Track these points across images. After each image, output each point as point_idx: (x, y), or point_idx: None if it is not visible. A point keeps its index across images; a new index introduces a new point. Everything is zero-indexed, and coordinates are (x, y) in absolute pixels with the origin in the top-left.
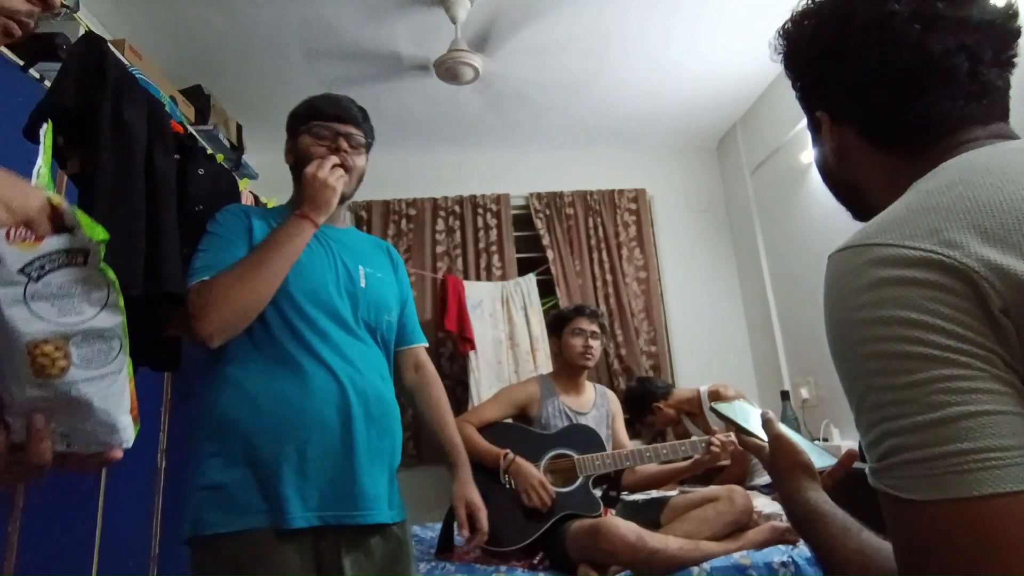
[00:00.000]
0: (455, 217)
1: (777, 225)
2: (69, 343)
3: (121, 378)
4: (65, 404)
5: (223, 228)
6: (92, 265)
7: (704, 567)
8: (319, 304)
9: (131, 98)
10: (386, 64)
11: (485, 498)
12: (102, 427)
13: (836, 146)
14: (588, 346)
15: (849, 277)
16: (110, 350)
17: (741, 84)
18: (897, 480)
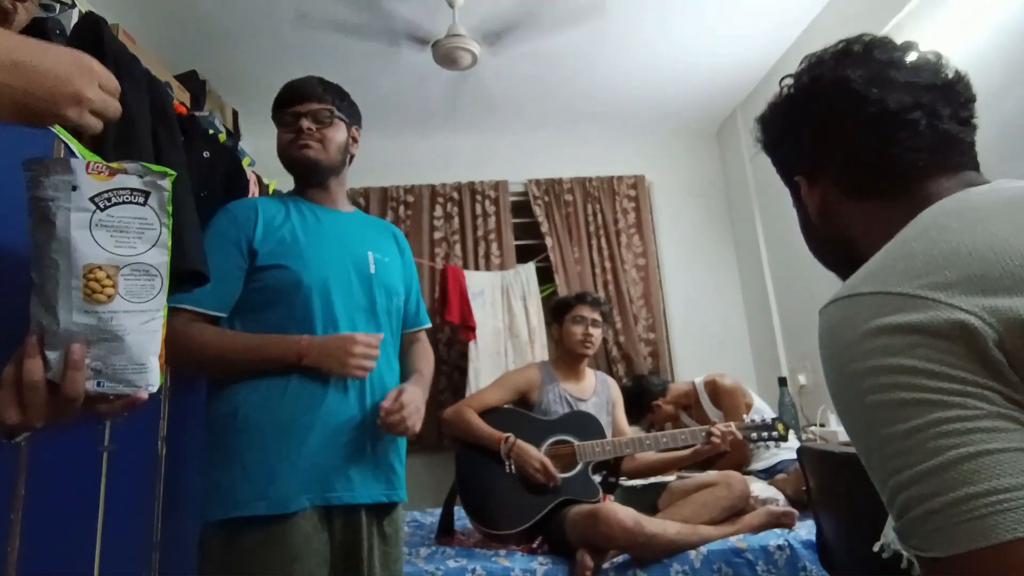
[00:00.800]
0: (453, 204)
1: (777, 211)
2: (119, 273)
3: (157, 318)
4: (105, 334)
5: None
6: (151, 206)
7: (701, 550)
8: (332, 293)
9: (131, 79)
10: (383, 50)
11: (486, 481)
12: (133, 365)
13: (818, 204)
14: (588, 334)
15: (838, 331)
16: (152, 287)
17: (742, 68)
18: (920, 540)
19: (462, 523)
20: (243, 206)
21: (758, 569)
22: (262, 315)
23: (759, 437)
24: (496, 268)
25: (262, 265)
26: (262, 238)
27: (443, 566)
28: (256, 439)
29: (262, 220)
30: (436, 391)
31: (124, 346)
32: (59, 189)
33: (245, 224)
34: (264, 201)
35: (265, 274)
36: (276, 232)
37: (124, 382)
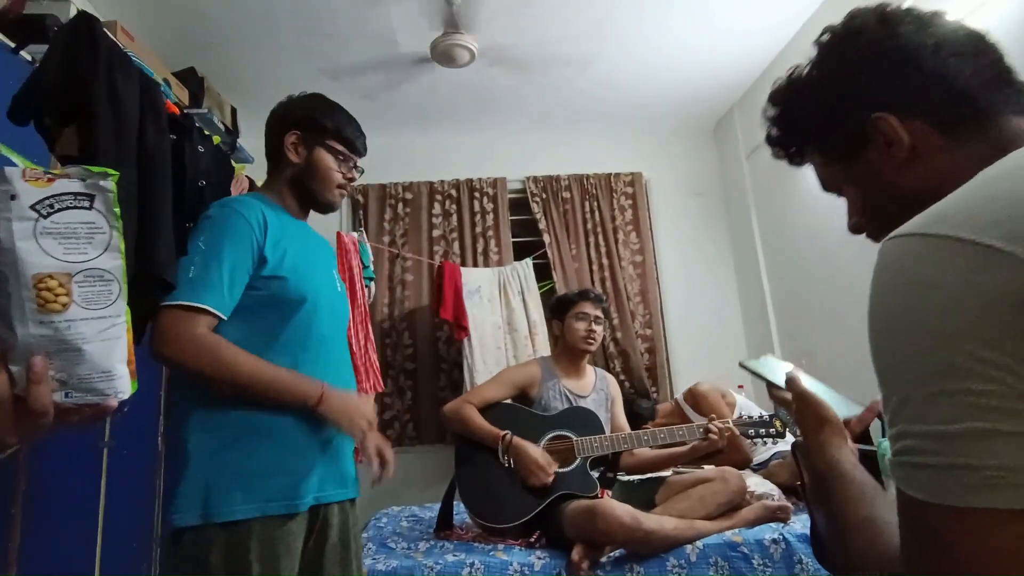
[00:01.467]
0: (452, 201)
1: (773, 208)
2: (72, 280)
3: (119, 324)
4: (64, 345)
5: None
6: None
7: (697, 545)
8: (321, 309)
9: (125, 74)
10: (381, 46)
11: (485, 476)
12: (98, 373)
13: (910, 146)
14: (591, 330)
15: (903, 268)
16: (110, 293)
17: (739, 67)
18: (906, 477)
19: (460, 518)
20: (253, 210)
21: (754, 563)
22: (259, 323)
23: (756, 434)
24: (494, 265)
25: (269, 275)
26: (271, 247)
27: (441, 560)
28: (271, 441)
29: (270, 228)
30: (436, 388)
31: (86, 355)
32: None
33: (257, 230)
34: (265, 206)
35: (270, 283)
36: (280, 243)
37: (91, 391)
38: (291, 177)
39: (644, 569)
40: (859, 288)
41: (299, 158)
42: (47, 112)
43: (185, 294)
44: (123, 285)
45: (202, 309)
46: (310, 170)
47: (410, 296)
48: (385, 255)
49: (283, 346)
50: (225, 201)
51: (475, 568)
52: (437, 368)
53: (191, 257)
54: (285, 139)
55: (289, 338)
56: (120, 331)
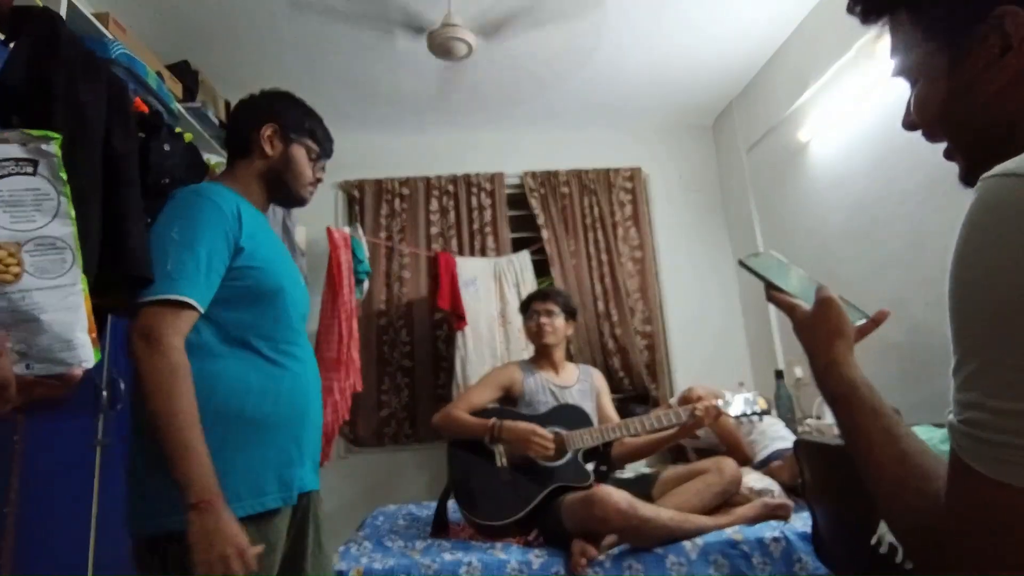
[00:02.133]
0: (449, 196)
1: (772, 204)
2: (22, 250)
3: (75, 292)
4: (20, 315)
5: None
6: (43, 175)
7: (696, 542)
8: (290, 300)
9: (88, 78)
10: (378, 40)
11: (478, 476)
12: (59, 343)
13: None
14: (540, 324)
15: (1010, 214)
16: (63, 261)
17: (738, 62)
18: (974, 449)
19: (457, 516)
20: (226, 199)
21: (754, 561)
22: (237, 313)
23: (742, 412)
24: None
25: (245, 265)
26: (246, 237)
27: (439, 559)
28: (265, 433)
29: (244, 218)
30: (434, 386)
31: (44, 325)
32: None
33: (232, 220)
34: (235, 196)
35: (248, 273)
36: (254, 232)
37: (54, 361)
38: (263, 170)
39: (643, 566)
40: (857, 283)
41: (274, 151)
42: (14, 111)
43: (165, 288)
44: (76, 253)
45: (184, 303)
46: (285, 164)
47: (407, 293)
48: (382, 251)
49: (262, 338)
50: (197, 188)
51: (472, 567)
52: (435, 366)
53: (165, 248)
54: (261, 131)
55: (269, 330)
56: (78, 299)
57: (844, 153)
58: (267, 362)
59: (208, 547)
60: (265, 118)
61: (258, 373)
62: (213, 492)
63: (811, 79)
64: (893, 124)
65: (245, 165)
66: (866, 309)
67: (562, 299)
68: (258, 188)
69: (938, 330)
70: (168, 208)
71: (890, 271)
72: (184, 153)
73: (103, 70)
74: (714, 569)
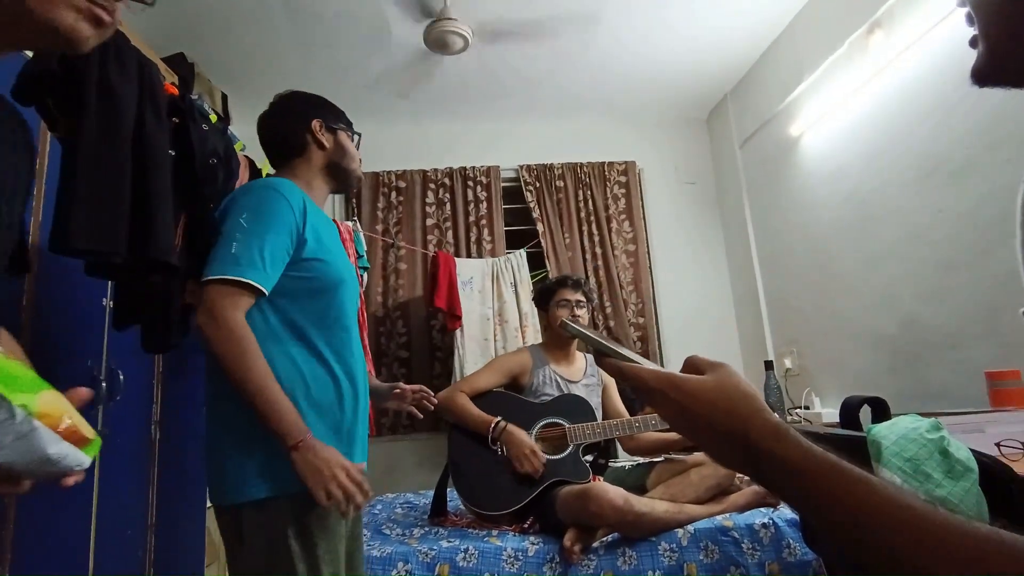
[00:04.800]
0: (445, 190)
1: (765, 197)
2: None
3: (18, 420)
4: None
5: (275, 220)
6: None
7: (688, 529)
8: (347, 294)
9: (120, 64)
10: (374, 33)
11: (478, 463)
12: (34, 460)
13: None
14: (575, 316)
15: None
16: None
17: (732, 56)
18: None
19: (455, 504)
20: (292, 191)
21: (743, 547)
22: (300, 304)
23: None
24: (488, 254)
25: (310, 257)
26: (310, 230)
27: (436, 546)
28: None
29: (309, 212)
30: (430, 376)
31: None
32: None
33: (298, 214)
34: (301, 192)
35: (313, 265)
36: (315, 225)
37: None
38: (325, 162)
39: (636, 553)
40: (850, 276)
41: (328, 143)
42: (48, 95)
43: (228, 268)
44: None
45: (245, 284)
46: (340, 152)
47: (404, 285)
48: (379, 244)
49: (326, 329)
50: (268, 181)
51: (469, 553)
52: (431, 356)
53: (232, 233)
54: (312, 126)
55: (332, 321)
56: (25, 427)
57: (837, 147)
58: (324, 352)
59: (317, 474)
60: (309, 115)
61: (316, 362)
62: (304, 431)
63: (804, 73)
64: (886, 119)
65: (303, 162)
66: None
67: (589, 290)
68: (321, 181)
69: (930, 323)
70: (240, 197)
71: (882, 264)
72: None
73: (133, 54)
74: (705, 555)
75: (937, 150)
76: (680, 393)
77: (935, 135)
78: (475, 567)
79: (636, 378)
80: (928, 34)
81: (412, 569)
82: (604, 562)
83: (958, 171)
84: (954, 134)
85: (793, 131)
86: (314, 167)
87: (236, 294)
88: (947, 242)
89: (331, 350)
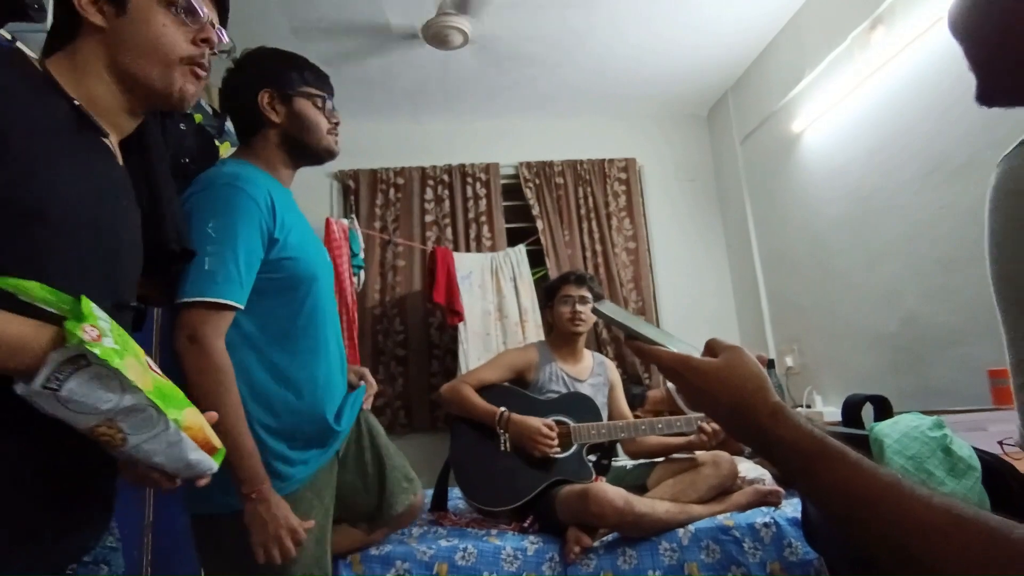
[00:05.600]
0: (444, 187)
1: (766, 195)
2: (116, 421)
3: (171, 433)
4: (144, 461)
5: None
6: (96, 362)
7: (689, 529)
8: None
9: None
10: (373, 29)
11: (480, 458)
12: (182, 467)
13: None
14: (576, 311)
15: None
16: (149, 418)
17: (733, 52)
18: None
19: (454, 503)
20: (255, 184)
21: (744, 546)
22: (270, 303)
23: None
24: (487, 251)
25: (280, 256)
26: (279, 226)
27: (435, 545)
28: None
29: (277, 206)
30: (428, 375)
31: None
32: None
33: (266, 211)
34: (266, 181)
35: (283, 264)
36: (286, 220)
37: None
38: (279, 138)
39: (637, 553)
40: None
41: (280, 116)
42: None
43: (207, 289)
44: (156, 404)
45: (226, 305)
46: (297, 123)
47: (401, 282)
48: (376, 241)
49: (301, 329)
50: (228, 176)
51: (468, 552)
52: (428, 354)
53: (202, 246)
54: (259, 100)
55: (306, 320)
56: (177, 436)
57: (838, 144)
58: (300, 349)
59: (263, 530)
60: (256, 86)
61: (292, 360)
62: (262, 481)
63: (805, 70)
64: (887, 115)
65: (260, 140)
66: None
67: (595, 286)
68: (281, 158)
69: (932, 320)
70: (202, 200)
71: (884, 262)
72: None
73: None
74: (706, 555)
75: (939, 147)
76: (693, 373)
77: (937, 132)
78: (473, 566)
79: (656, 360)
80: (930, 30)
81: (410, 568)
82: (604, 561)
83: (960, 168)
84: (956, 131)
85: (794, 128)
86: (270, 144)
87: (216, 317)
88: (949, 239)
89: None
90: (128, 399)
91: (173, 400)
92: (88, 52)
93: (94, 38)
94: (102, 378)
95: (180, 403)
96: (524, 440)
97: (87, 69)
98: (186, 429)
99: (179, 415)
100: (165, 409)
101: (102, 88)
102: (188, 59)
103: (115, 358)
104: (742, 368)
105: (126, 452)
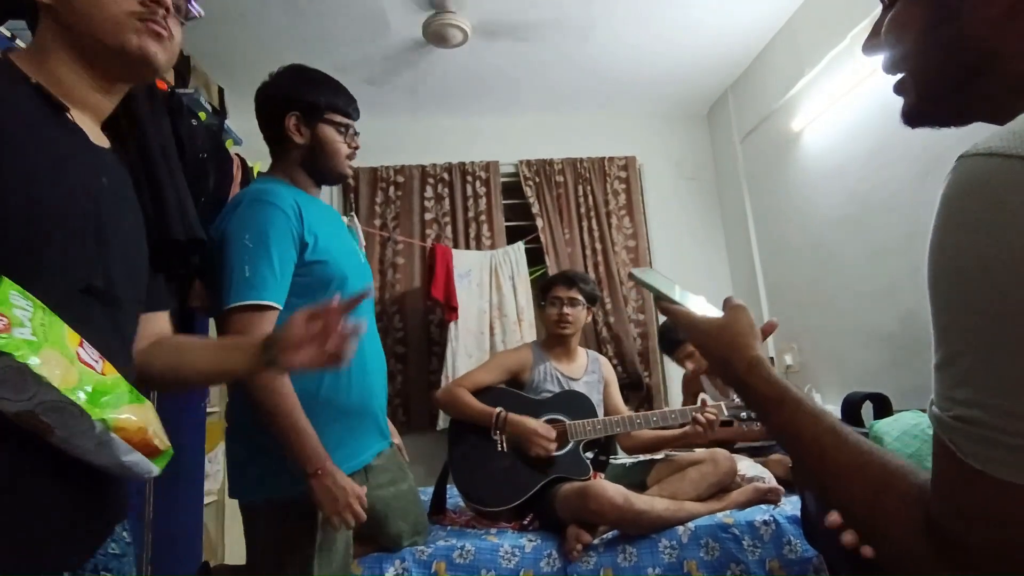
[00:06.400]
0: (444, 185)
1: (765, 193)
2: (38, 414)
3: (97, 431)
4: (75, 452)
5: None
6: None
7: (688, 526)
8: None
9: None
10: (373, 27)
11: (478, 459)
12: (113, 464)
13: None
14: (563, 314)
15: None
16: (73, 414)
17: (733, 51)
18: (965, 444)
19: (453, 502)
20: (285, 200)
21: (744, 544)
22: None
23: (749, 417)
24: (487, 249)
25: (311, 260)
26: (308, 232)
27: (433, 544)
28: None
29: (304, 214)
30: (427, 372)
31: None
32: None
33: (294, 219)
34: (291, 192)
35: (313, 268)
36: (313, 227)
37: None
38: (301, 158)
39: (636, 550)
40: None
41: (304, 138)
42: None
43: (250, 294)
44: (77, 404)
45: (267, 306)
46: (318, 148)
47: (401, 280)
48: (376, 239)
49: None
50: (257, 193)
51: (466, 551)
52: (428, 352)
53: (241, 256)
54: (286, 122)
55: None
56: (104, 437)
57: (838, 142)
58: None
59: (333, 502)
60: (284, 107)
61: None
62: (323, 459)
63: (805, 69)
64: (887, 114)
65: (285, 157)
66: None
67: (588, 287)
68: (303, 176)
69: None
70: (236, 217)
71: (883, 259)
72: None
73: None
74: (705, 552)
75: (938, 146)
76: (695, 330)
77: (936, 131)
78: (472, 564)
79: (675, 317)
80: None
81: (409, 567)
82: (604, 559)
83: None
84: (955, 130)
85: (794, 126)
86: (293, 161)
87: (259, 318)
88: None
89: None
90: (43, 395)
91: (110, 396)
92: (45, 32)
93: (48, 18)
94: (11, 369)
95: (119, 400)
96: (522, 440)
97: (47, 50)
98: (119, 430)
99: (110, 414)
100: (90, 408)
101: (63, 67)
102: (137, 15)
103: (25, 350)
104: (735, 325)
105: (58, 444)
